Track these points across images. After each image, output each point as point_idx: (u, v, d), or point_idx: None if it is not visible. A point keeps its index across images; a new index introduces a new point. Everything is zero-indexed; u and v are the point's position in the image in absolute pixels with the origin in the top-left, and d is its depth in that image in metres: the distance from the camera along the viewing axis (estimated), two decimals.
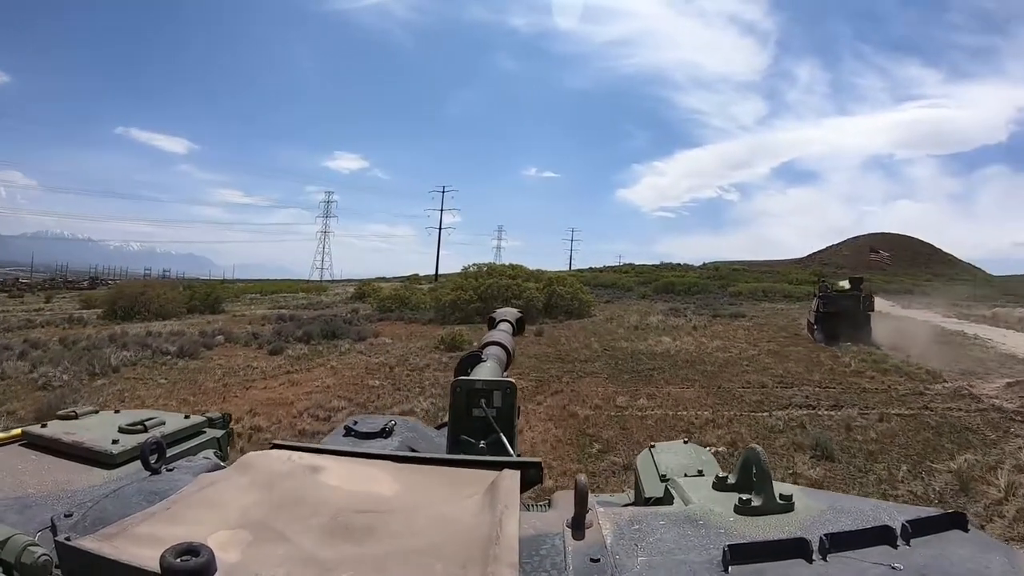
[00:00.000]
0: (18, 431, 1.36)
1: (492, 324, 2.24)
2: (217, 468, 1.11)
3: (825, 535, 0.81)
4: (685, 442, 1.79)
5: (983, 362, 14.81)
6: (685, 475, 1.32)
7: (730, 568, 0.77)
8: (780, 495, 0.93)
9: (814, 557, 0.79)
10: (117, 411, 1.53)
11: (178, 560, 0.62)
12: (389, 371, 13.23)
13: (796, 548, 0.80)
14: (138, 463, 1.09)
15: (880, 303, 20.14)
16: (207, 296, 28.99)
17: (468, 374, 1.58)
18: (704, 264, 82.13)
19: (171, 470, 1.08)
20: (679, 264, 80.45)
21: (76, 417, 1.44)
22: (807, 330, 20.67)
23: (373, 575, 0.69)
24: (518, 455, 1.30)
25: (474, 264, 30.24)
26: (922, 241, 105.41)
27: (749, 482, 0.99)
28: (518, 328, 2.30)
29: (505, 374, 1.74)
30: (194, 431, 1.50)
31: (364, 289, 38.26)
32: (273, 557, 0.72)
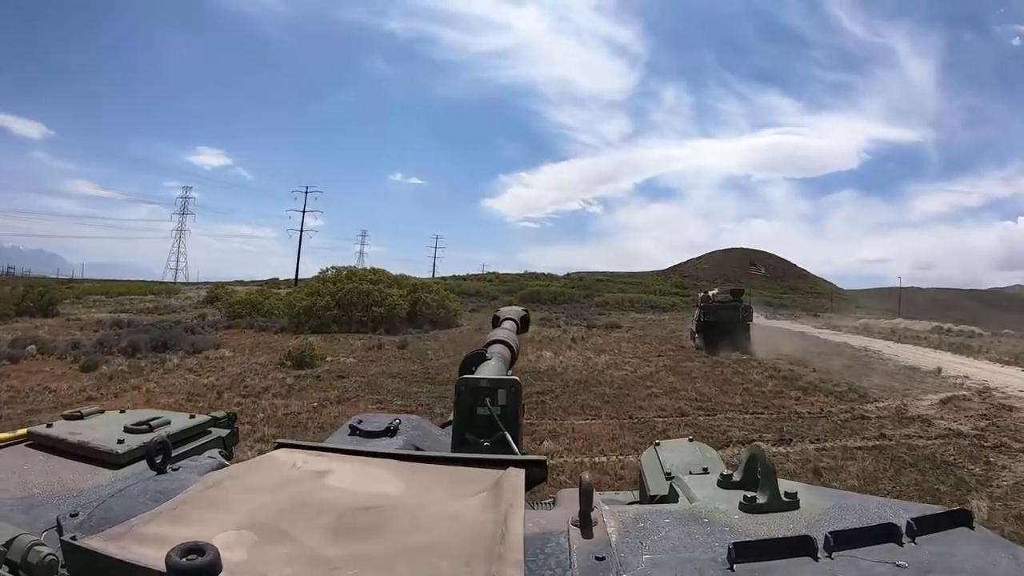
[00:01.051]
0: (24, 431, 1.34)
1: (496, 323, 2.23)
2: (222, 467, 1.10)
3: (830, 533, 0.80)
4: (690, 440, 1.73)
5: (892, 375, 14.01)
6: (690, 473, 1.27)
7: (736, 566, 0.75)
8: (785, 493, 0.92)
9: (820, 555, 0.78)
10: (123, 411, 1.50)
11: (183, 559, 0.60)
12: (217, 397, 10.08)
13: (802, 546, 0.79)
14: (144, 463, 1.08)
15: None
16: (41, 296, 25.42)
17: (473, 372, 1.59)
18: (568, 274, 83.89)
19: (176, 470, 1.04)
20: (543, 273, 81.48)
21: (82, 417, 1.41)
22: (690, 338, 20.46)
23: (379, 573, 0.69)
24: (523, 453, 1.30)
25: (332, 267, 27.35)
26: (777, 256, 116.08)
27: (754, 480, 0.96)
28: (522, 326, 2.29)
29: (509, 372, 1.73)
30: (199, 430, 1.47)
31: (217, 292, 34.40)
32: (279, 556, 0.71)
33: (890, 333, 33.62)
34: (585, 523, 0.81)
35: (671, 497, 1.09)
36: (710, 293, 21.60)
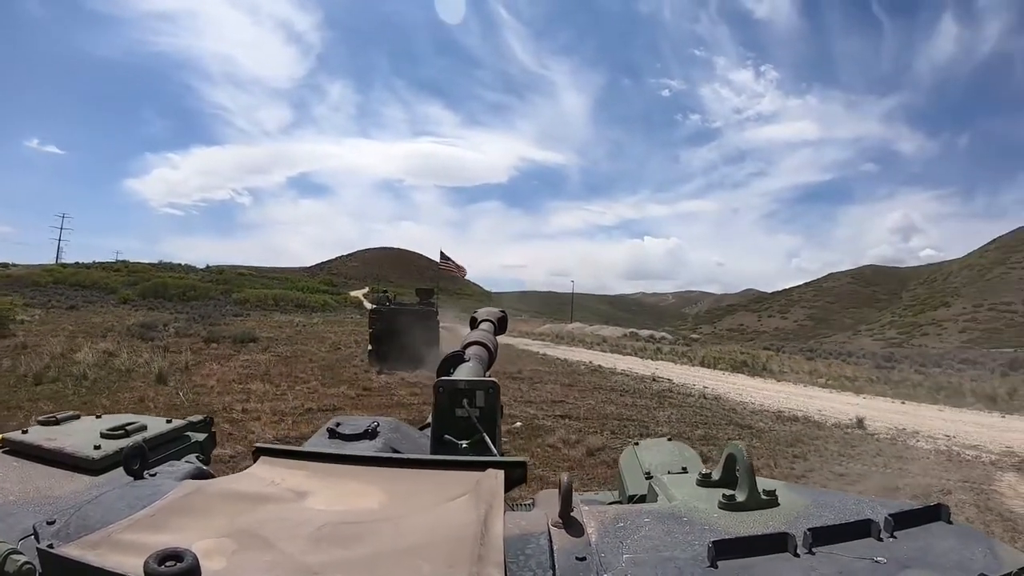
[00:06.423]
0: None
1: (474, 324, 2.20)
2: (200, 472, 1.12)
3: (809, 529, 0.80)
4: (669, 439, 1.70)
5: (811, 442, 9.18)
6: (669, 472, 1.28)
7: (717, 563, 0.75)
8: (764, 490, 0.92)
9: (799, 551, 0.78)
10: (99, 416, 1.46)
11: (162, 566, 0.60)
12: None
13: (781, 543, 0.79)
14: (121, 469, 1.06)
15: None
16: None
17: (450, 374, 1.58)
18: (208, 267, 78.44)
19: (154, 475, 1.06)
20: (181, 265, 74.96)
21: (57, 423, 1.37)
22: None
23: None
24: (501, 455, 1.30)
25: None
26: (426, 257, 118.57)
27: (733, 478, 0.97)
28: (500, 327, 2.25)
29: (487, 374, 1.73)
30: (176, 435, 1.43)
31: None
32: (259, 564, 0.70)
33: (603, 342, 33.12)
34: (565, 523, 0.81)
35: (650, 497, 1.09)
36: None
